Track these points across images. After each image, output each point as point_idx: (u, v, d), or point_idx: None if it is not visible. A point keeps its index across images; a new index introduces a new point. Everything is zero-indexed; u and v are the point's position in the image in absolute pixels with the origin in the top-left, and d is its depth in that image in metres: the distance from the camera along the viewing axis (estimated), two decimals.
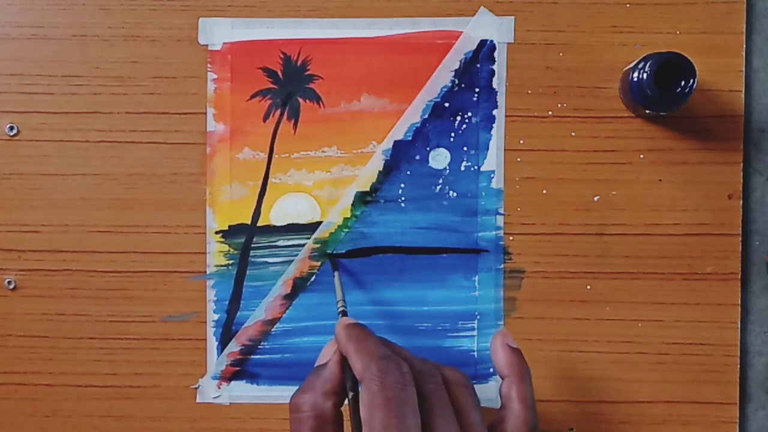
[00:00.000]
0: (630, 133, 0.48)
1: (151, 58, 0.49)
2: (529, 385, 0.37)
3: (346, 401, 0.35)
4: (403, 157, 0.49)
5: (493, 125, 0.48)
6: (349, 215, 0.49)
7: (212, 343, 0.49)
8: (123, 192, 0.49)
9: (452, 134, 0.49)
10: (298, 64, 0.49)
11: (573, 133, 0.48)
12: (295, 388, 0.49)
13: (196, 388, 0.50)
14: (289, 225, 0.49)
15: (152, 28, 0.49)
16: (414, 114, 0.49)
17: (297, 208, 0.49)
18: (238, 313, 0.49)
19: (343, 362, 0.36)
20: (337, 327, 0.37)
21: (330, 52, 0.49)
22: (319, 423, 0.34)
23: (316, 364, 0.37)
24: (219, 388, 0.49)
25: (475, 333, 0.49)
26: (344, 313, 0.41)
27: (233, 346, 0.49)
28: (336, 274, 0.47)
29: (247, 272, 0.49)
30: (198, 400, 0.50)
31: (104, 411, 0.50)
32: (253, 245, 0.49)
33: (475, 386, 0.48)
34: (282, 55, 0.49)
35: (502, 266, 0.48)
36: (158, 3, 0.49)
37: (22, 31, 0.49)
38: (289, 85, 0.49)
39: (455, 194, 0.49)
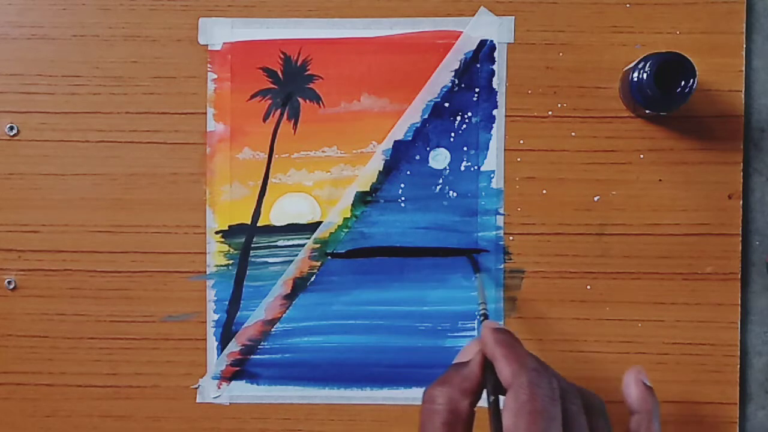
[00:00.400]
0: (630, 133, 0.48)
1: (151, 58, 0.49)
2: (657, 425, 0.37)
3: (487, 404, 0.35)
4: (403, 157, 0.49)
5: (493, 125, 0.48)
6: (349, 215, 0.49)
7: (212, 343, 0.49)
8: (123, 192, 0.49)
9: (452, 134, 0.49)
10: (298, 64, 0.49)
11: (573, 133, 0.48)
12: (296, 388, 0.49)
13: (196, 388, 0.50)
14: (289, 225, 0.49)
15: (152, 28, 0.49)
16: (414, 114, 0.49)
17: (297, 208, 0.49)
18: (238, 313, 0.49)
19: (485, 365, 0.35)
20: (483, 329, 0.37)
21: (330, 52, 0.49)
22: (453, 418, 0.34)
23: (455, 361, 0.37)
24: (219, 388, 0.49)
25: (475, 333, 0.49)
26: (486, 316, 0.41)
27: (233, 346, 0.49)
28: (478, 276, 0.47)
29: (247, 272, 0.49)
30: (198, 400, 0.50)
31: (104, 411, 0.50)
32: (253, 245, 0.49)
33: None
34: (282, 55, 0.49)
35: (502, 266, 0.48)
36: (158, 3, 0.49)
37: (22, 31, 0.49)
38: (289, 85, 0.49)
39: (455, 194, 0.49)
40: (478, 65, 0.48)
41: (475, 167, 0.48)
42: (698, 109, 0.48)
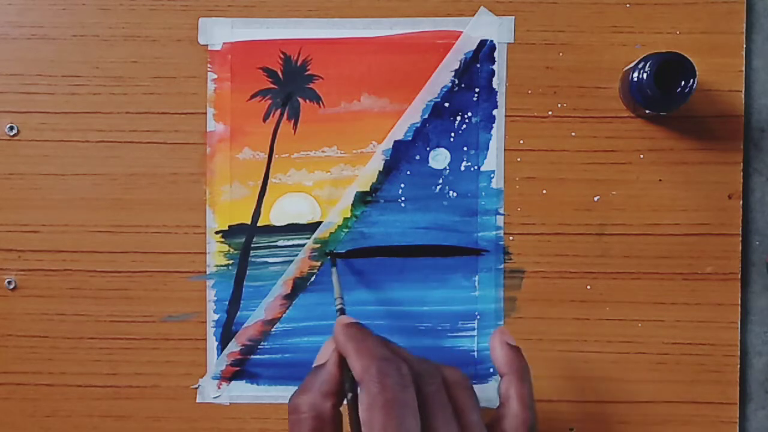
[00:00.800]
0: (630, 133, 0.48)
1: (151, 58, 0.49)
2: (528, 384, 0.37)
3: (345, 401, 0.35)
4: (403, 157, 0.49)
5: (493, 125, 0.48)
6: (349, 215, 0.49)
7: (212, 343, 0.49)
8: (123, 192, 0.49)
9: (452, 134, 0.49)
10: (298, 64, 0.49)
11: (573, 133, 0.48)
12: (296, 388, 0.49)
13: (196, 388, 0.50)
14: (289, 225, 0.49)
15: (152, 28, 0.49)
16: (414, 114, 0.49)
17: (297, 208, 0.49)
18: (238, 313, 0.49)
19: (342, 362, 0.36)
20: (336, 326, 0.37)
21: (330, 52, 0.49)
22: (318, 424, 0.34)
23: (314, 364, 0.37)
24: (219, 388, 0.49)
25: (475, 333, 0.49)
26: (342, 311, 0.41)
27: (233, 346, 0.49)
28: (334, 270, 0.46)
29: (247, 272, 0.49)
30: (198, 400, 0.50)
31: (104, 411, 0.50)
32: (253, 245, 0.49)
33: (475, 386, 0.48)
34: (282, 55, 0.49)
35: (502, 266, 0.48)
36: (158, 3, 0.49)
37: (22, 31, 0.49)
38: (289, 85, 0.49)
39: (455, 194, 0.49)
40: (478, 65, 0.48)
41: (475, 167, 0.48)
42: (698, 109, 0.48)
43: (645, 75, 0.43)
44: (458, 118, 0.48)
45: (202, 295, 0.49)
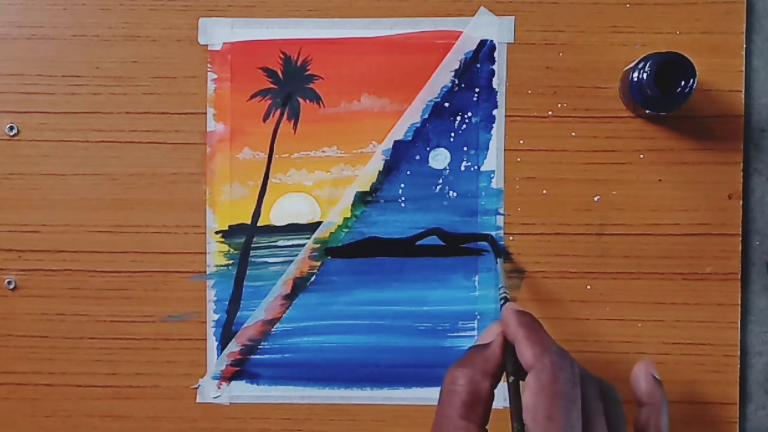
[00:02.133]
0: (630, 133, 0.48)
1: (151, 58, 0.49)
2: (666, 417, 0.37)
3: (507, 384, 0.35)
4: (403, 157, 0.49)
5: (493, 125, 0.48)
6: (349, 215, 0.49)
7: (212, 343, 0.49)
8: (123, 192, 0.49)
9: (452, 134, 0.49)
10: (298, 64, 0.49)
11: (573, 133, 0.48)
12: (296, 388, 0.49)
13: (196, 388, 0.50)
14: (289, 225, 0.49)
15: (152, 28, 0.49)
16: (414, 114, 0.49)
17: (297, 208, 0.49)
18: (238, 313, 0.49)
19: (506, 347, 0.36)
20: (505, 311, 0.37)
21: (330, 52, 0.49)
22: (473, 399, 0.34)
23: (476, 343, 0.37)
24: (219, 388, 0.49)
25: (475, 333, 0.49)
26: (506, 299, 0.41)
27: (233, 346, 0.49)
28: (499, 261, 0.46)
29: (247, 272, 0.49)
30: (198, 400, 0.50)
31: (104, 411, 0.50)
32: (253, 245, 0.49)
33: None
34: (282, 55, 0.49)
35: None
36: (158, 3, 0.49)
37: (22, 31, 0.49)
38: (289, 85, 0.49)
39: (455, 194, 0.49)
40: (478, 65, 0.48)
41: (475, 167, 0.48)
42: (698, 109, 0.48)
43: (645, 75, 0.43)
44: (458, 118, 0.48)
45: (202, 295, 0.49)
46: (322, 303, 0.49)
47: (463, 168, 0.49)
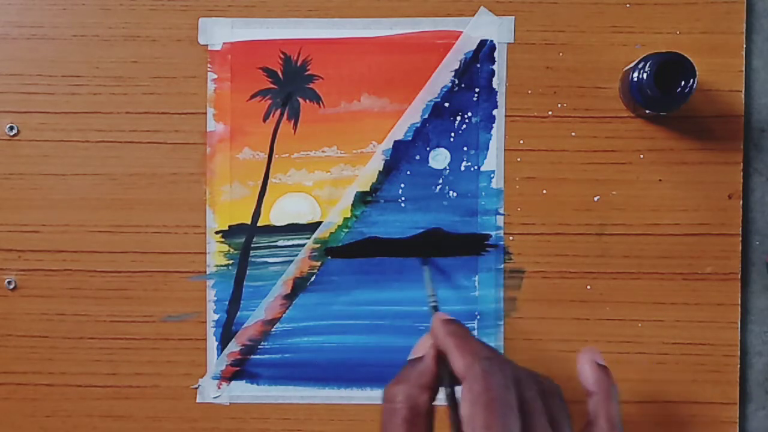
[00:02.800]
0: (630, 133, 0.48)
1: (151, 58, 0.49)
2: (615, 404, 0.37)
3: (445, 395, 0.35)
4: (403, 157, 0.49)
5: (493, 125, 0.48)
6: (349, 215, 0.49)
7: (212, 343, 0.49)
8: (123, 192, 0.49)
9: (452, 134, 0.49)
10: (298, 64, 0.49)
11: (573, 133, 0.48)
12: (296, 388, 0.49)
13: (196, 388, 0.50)
14: (289, 225, 0.49)
15: (152, 28, 0.49)
16: (414, 114, 0.49)
17: (297, 208, 0.49)
18: (238, 313, 0.49)
19: (439, 357, 0.36)
20: (434, 321, 0.37)
21: (330, 52, 0.49)
22: (413, 415, 0.34)
23: (409, 357, 0.37)
24: (219, 388, 0.49)
25: (475, 333, 0.49)
26: (436, 308, 0.41)
27: (233, 346, 0.49)
28: (425, 269, 0.46)
29: (247, 272, 0.49)
30: (198, 400, 0.50)
31: (104, 411, 0.50)
32: (253, 245, 0.49)
33: None
34: (282, 55, 0.49)
35: (502, 266, 0.48)
36: (158, 3, 0.49)
37: (22, 31, 0.49)
38: (289, 85, 0.49)
39: (455, 194, 0.49)
40: (478, 65, 0.48)
41: (475, 167, 0.48)
42: (698, 109, 0.48)
43: (645, 75, 0.43)
44: (458, 118, 0.48)
45: (202, 295, 0.49)
46: (322, 303, 0.49)
47: (463, 168, 0.49)
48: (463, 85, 0.48)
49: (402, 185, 0.49)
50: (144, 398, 0.50)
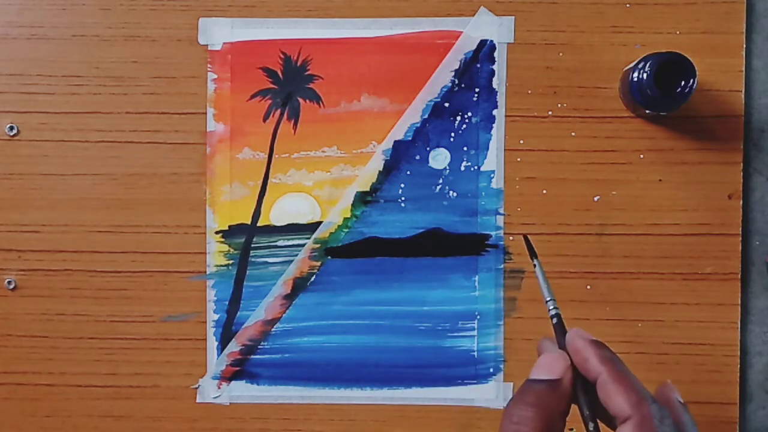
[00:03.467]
0: (630, 133, 0.48)
1: (151, 58, 0.49)
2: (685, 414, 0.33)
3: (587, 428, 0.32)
4: (403, 157, 0.49)
5: (493, 125, 0.48)
6: (349, 215, 0.49)
7: (212, 343, 0.49)
8: (123, 192, 0.49)
9: (452, 134, 0.49)
10: (298, 64, 0.49)
11: (573, 133, 0.48)
12: (296, 388, 0.49)
13: (196, 388, 0.50)
14: (289, 225, 0.49)
15: (152, 28, 0.49)
16: (414, 114, 0.49)
17: (297, 208, 0.49)
18: (238, 313, 0.49)
19: (580, 384, 0.33)
20: (576, 341, 0.33)
21: (330, 52, 0.49)
22: None
23: (536, 376, 0.33)
24: (219, 388, 0.49)
25: (475, 333, 0.49)
26: (559, 317, 0.37)
27: (233, 346, 0.49)
28: (536, 262, 0.39)
29: (247, 272, 0.49)
30: (198, 400, 0.50)
31: (104, 411, 0.50)
32: (253, 245, 0.49)
33: (475, 386, 0.48)
34: (282, 55, 0.49)
35: (502, 266, 0.48)
36: (158, 3, 0.49)
37: (22, 31, 0.49)
38: (289, 85, 0.49)
39: (455, 194, 0.49)
40: (478, 65, 0.48)
41: (475, 167, 0.48)
42: (698, 109, 0.48)
43: (645, 75, 0.43)
44: (458, 118, 0.48)
45: (202, 295, 0.49)
46: (322, 303, 0.49)
47: (463, 168, 0.49)
48: (463, 85, 0.48)
49: (402, 185, 0.49)
50: (144, 398, 0.50)
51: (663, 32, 0.48)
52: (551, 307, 0.37)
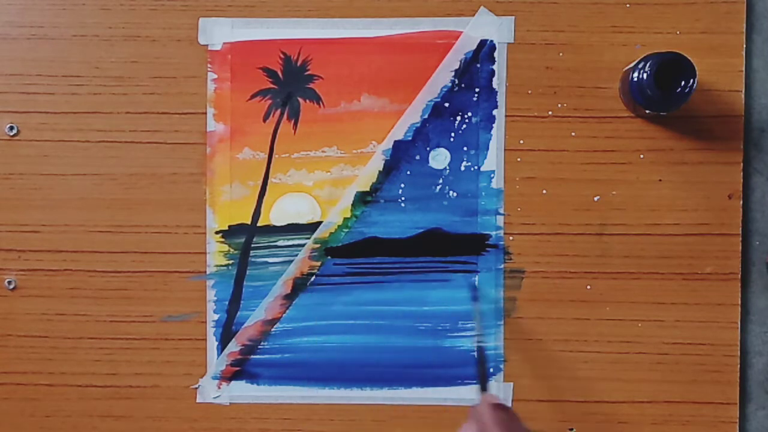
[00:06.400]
0: (630, 133, 0.48)
1: (151, 58, 0.49)
2: None
3: None
4: (403, 157, 0.49)
5: (493, 125, 0.48)
6: (349, 215, 0.49)
7: (212, 343, 0.49)
8: (123, 192, 0.49)
9: (452, 134, 0.49)
10: (298, 64, 0.49)
11: (573, 133, 0.48)
12: (296, 388, 0.49)
13: (196, 388, 0.50)
14: (289, 225, 0.49)
15: (152, 28, 0.49)
16: (414, 114, 0.49)
17: (297, 208, 0.49)
18: (238, 313, 0.49)
19: None
20: (482, 404, 0.37)
21: (330, 52, 0.49)
22: None
23: None
24: (219, 388, 0.49)
25: (474, 333, 0.49)
26: (482, 350, 0.40)
27: (233, 346, 0.49)
28: (475, 304, 0.45)
29: (247, 272, 0.49)
30: (198, 400, 0.50)
31: (104, 411, 0.50)
32: (253, 245, 0.49)
33: (475, 386, 0.48)
34: (282, 55, 0.49)
35: (502, 266, 0.48)
36: (158, 3, 0.49)
37: (22, 31, 0.49)
38: (289, 85, 0.49)
39: (455, 194, 0.49)
40: (478, 65, 0.48)
41: (475, 167, 0.48)
42: (698, 109, 0.48)
43: (645, 75, 0.43)
44: (458, 118, 0.48)
45: (202, 295, 0.49)
46: (322, 303, 0.49)
47: (463, 168, 0.49)
48: (463, 85, 0.48)
49: (402, 185, 0.49)
50: (144, 398, 0.50)
51: (663, 32, 0.48)
52: (476, 341, 0.42)
